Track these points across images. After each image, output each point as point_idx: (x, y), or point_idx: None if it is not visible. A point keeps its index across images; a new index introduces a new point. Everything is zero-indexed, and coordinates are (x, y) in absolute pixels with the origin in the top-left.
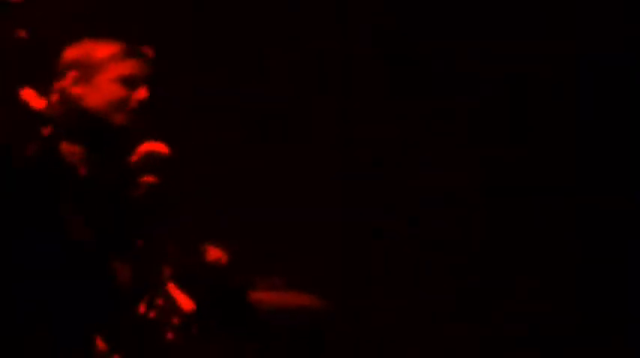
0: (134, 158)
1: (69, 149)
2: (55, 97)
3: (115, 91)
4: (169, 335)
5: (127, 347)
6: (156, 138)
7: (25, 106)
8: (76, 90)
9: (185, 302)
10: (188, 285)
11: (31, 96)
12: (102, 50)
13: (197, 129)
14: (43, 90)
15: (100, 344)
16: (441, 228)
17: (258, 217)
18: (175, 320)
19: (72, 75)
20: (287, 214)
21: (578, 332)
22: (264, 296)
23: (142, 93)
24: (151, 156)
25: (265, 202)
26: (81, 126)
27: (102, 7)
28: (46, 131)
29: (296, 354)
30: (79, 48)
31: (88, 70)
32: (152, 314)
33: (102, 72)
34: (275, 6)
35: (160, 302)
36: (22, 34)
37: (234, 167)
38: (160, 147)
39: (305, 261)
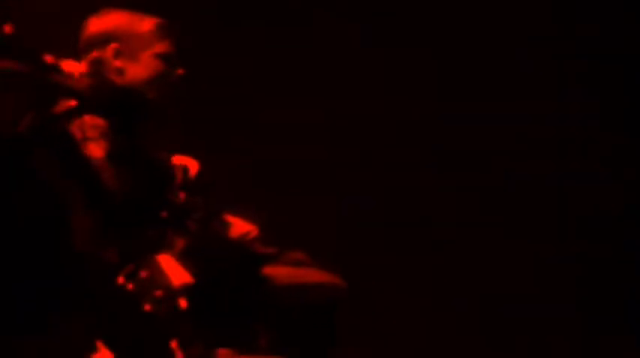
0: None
1: (91, 121)
2: (86, 68)
3: (157, 67)
4: (146, 308)
5: (102, 319)
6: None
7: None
8: (117, 64)
9: (179, 276)
10: (202, 258)
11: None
12: (145, 24)
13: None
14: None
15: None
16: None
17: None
18: (159, 293)
19: (113, 47)
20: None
21: None
22: (280, 271)
23: (180, 70)
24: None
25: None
26: (113, 100)
27: None
28: (72, 103)
29: (308, 333)
30: (112, 19)
31: (131, 44)
32: (130, 286)
33: (146, 47)
34: None
35: (143, 274)
36: None
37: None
38: (192, 165)
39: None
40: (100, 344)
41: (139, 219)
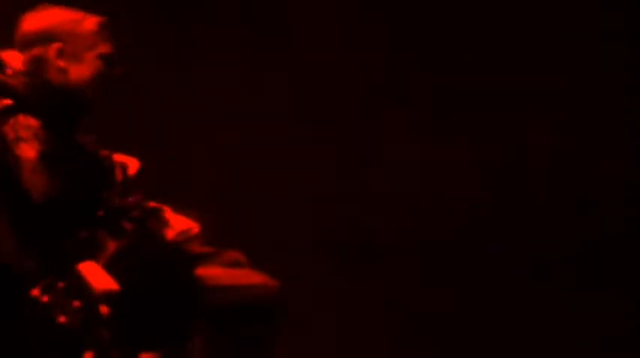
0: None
1: (25, 121)
2: (24, 66)
3: (100, 67)
4: (61, 319)
5: (18, 333)
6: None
7: None
8: (60, 64)
9: (101, 283)
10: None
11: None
12: (88, 23)
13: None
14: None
15: None
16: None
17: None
18: (76, 303)
19: (56, 46)
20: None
21: None
22: (214, 272)
23: (118, 69)
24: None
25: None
26: (53, 99)
27: None
28: (7, 101)
29: (244, 333)
30: (53, 16)
31: (74, 44)
32: (45, 298)
33: (90, 47)
34: None
35: (60, 284)
36: None
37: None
38: (132, 163)
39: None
40: None
41: (70, 220)
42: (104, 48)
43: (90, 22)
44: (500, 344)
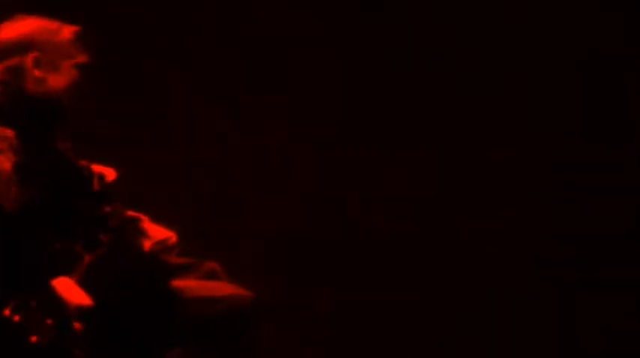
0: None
1: (0, 132)
2: None
3: (76, 76)
4: (33, 339)
5: None
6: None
7: None
8: (37, 73)
9: (75, 299)
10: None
11: None
12: (64, 33)
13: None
14: None
15: None
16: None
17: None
18: (49, 322)
19: (33, 56)
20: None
21: None
22: (189, 284)
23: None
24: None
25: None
26: (29, 109)
27: None
28: None
29: (220, 345)
30: (29, 26)
31: (51, 53)
32: (17, 318)
33: (67, 57)
34: None
35: (32, 303)
36: None
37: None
38: (109, 173)
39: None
40: None
41: (46, 232)
42: (81, 58)
43: (66, 32)
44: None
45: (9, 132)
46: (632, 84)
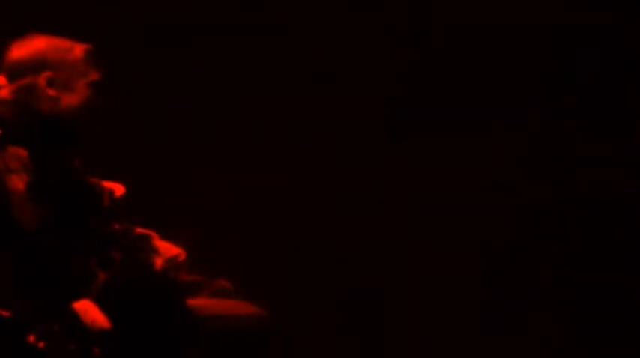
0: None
1: (14, 152)
2: (12, 94)
3: (90, 95)
4: None
5: None
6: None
7: None
8: (51, 92)
9: (95, 322)
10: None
11: None
12: (77, 51)
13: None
14: None
15: None
16: None
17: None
18: (72, 346)
19: (46, 75)
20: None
21: None
22: (204, 302)
23: (104, 98)
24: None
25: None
26: (43, 129)
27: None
28: None
29: None
30: (41, 45)
31: (65, 72)
32: (41, 345)
33: (80, 75)
34: None
35: (56, 327)
36: None
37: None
38: (117, 188)
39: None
40: None
41: (62, 252)
42: (94, 76)
43: (78, 50)
44: None
45: (22, 152)
46: None
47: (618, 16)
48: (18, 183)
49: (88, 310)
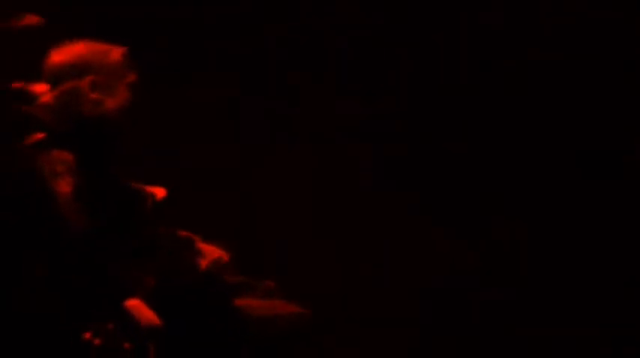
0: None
1: (59, 156)
2: (55, 99)
3: (129, 97)
4: None
5: None
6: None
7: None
8: (94, 96)
9: (147, 321)
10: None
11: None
12: (115, 54)
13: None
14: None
15: None
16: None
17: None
18: (127, 346)
19: (89, 79)
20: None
21: None
22: (252, 303)
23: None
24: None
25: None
26: (86, 132)
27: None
28: (40, 136)
29: None
30: (82, 50)
31: (106, 75)
32: (97, 342)
33: (120, 77)
34: None
35: (110, 326)
36: None
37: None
38: (159, 192)
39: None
40: None
41: (108, 255)
42: (132, 77)
43: (116, 53)
44: None
45: (67, 156)
46: None
47: None
48: (64, 186)
49: (139, 308)
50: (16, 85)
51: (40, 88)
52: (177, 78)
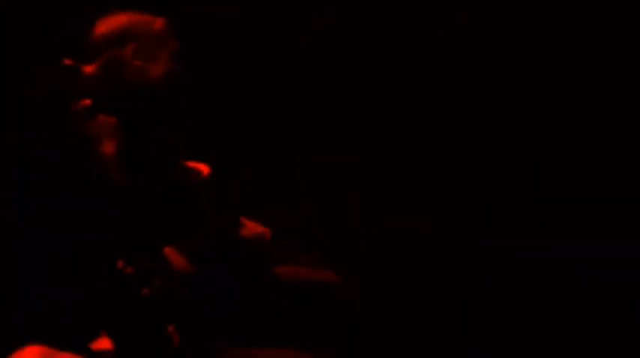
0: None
1: (104, 120)
2: (100, 67)
3: (173, 65)
4: (145, 292)
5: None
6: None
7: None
8: (137, 63)
9: (180, 266)
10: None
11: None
12: (158, 23)
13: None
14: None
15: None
16: None
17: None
18: (157, 282)
19: (132, 46)
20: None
21: None
22: (285, 271)
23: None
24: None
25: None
26: (131, 99)
27: None
28: (86, 102)
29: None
30: (124, 19)
31: (149, 43)
32: (129, 270)
33: (163, 45)
34: None
35: (142, 260)
36: None
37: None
38: (202, 167)
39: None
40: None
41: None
42: (174, 46)
43: (159, 23)
44: None
45: (112, 120)
46: None
47: None
48: (108, 147)
49: (174, 254)
50: (67, 61)
51: (86, 57)
52: None
